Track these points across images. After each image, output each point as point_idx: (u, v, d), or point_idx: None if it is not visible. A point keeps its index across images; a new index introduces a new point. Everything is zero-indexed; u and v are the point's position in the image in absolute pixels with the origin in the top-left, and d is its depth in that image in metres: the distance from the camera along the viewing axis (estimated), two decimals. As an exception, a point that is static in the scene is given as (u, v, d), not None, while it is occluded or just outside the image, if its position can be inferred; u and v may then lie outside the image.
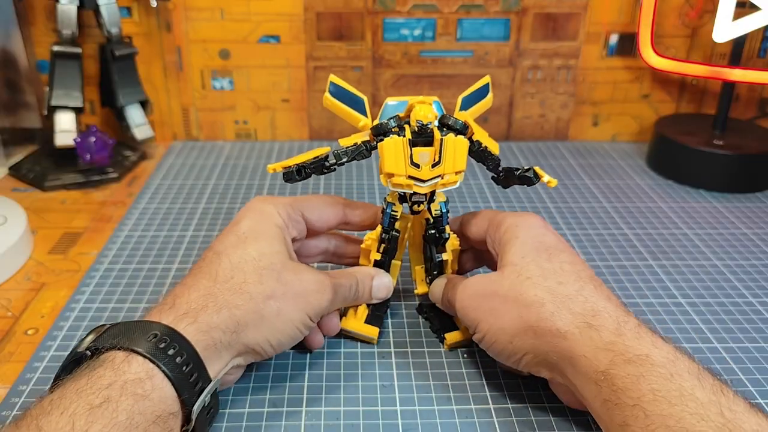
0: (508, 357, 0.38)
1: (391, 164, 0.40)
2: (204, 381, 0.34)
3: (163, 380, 0.32)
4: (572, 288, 0.36)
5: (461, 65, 0.79)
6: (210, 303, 0.36)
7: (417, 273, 0.47)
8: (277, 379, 0.42)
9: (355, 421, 0.38)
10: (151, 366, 0.32)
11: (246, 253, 0.38)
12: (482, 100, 0.45)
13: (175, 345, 0.33)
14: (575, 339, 0.34)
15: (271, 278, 0.38)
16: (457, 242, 0.46)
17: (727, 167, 0.69)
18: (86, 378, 0.30)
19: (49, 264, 0.55)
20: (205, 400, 0.34)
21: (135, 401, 0.30)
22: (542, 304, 0.36)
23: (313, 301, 0.39)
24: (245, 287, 0.37)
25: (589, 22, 0.78)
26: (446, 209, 0.44)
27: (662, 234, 0.61)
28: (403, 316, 0.48)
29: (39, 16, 0.74)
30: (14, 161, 0.73)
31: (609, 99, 0.82)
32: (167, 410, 0.31)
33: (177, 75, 0.79)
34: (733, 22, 0.68)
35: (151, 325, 0.34)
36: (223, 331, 0.35)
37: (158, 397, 0.31)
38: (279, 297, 0.37)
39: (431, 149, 0.40)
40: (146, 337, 0.33)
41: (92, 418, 0.28)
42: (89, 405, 0.29)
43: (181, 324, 0.34)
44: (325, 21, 0.76)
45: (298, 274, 0.39)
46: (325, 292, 0.40)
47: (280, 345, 0.38)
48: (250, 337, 0.36)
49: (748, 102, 0.83)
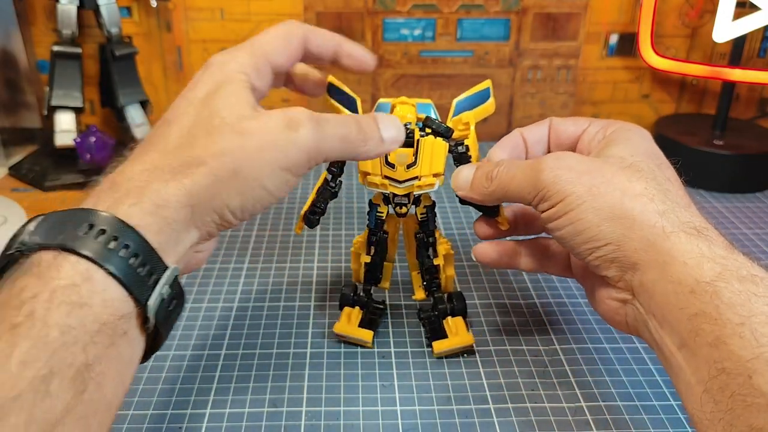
0: (587, 241, 0.33)
1: (367, 163, 0.40)
2: (159, 271, 0.28)
3: (106, 279, 0.26)
4: (681, 200, 0.33)
5: (461, 65, 0.79)
6: (155, 177, 0.30)
7: (414, 279, 0.47)
8: (277, 379, 0.42)
9: (355, 421, 0.38)
10: (86, 266, 0.26)
11: (199, 116, 0.32)
12: (481, 105, 0.43)
13: (115, 235, 0.27)
14: (679, 242, 0.30)
15: (224, 135, 0.31)
16: (448, 246, 0.44)
17: (727, 167, 0.69)
18: (7, 291, 0.25)
19: (49, 264, 0.55)
20: (163, 293, 0.28)
21: (69, 312, 0.25)
22: (651, 199, 0.32)
23: (284, 143, 0.31)
24: (195, 152, 0.31)
25: (589, 22, 0.78)
26: (433, 212, 0.43)
27: (662, 234, 0.61)
28: (403, 316, 0.48)
29: (39, 16, 0.74)
30: (14, 161, 0.73)
31: (609, 99, 0.82)
32: (114, 314, 0.26)
33: (177, 75, 0.79)
34: (733, 22, 0.68)
35: (86, 213, 0.28)
36: (174, 207, 0.29)
37: (100, 301, 0.26)
38: (235, 152, 0.31)
39: (410, 150, 0.40)
40: (79, 230, 0.27)
41: (15, 340, 0.23)
42: (11, 324, 0.24)
43: (122, 207, 0.28)
44: (325, 21, 0.76)
45: (258, 119, 0.32)
46: (299, 128, 0.32)
47: (243, 210, 0.32)
48: (207, 208, 0.31)
49: (748, 102, 0.83)
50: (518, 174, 0.36)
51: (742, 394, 0.25)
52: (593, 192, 0.33)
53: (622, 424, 0.38)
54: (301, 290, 0.51)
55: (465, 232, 0.60)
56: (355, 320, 0.45)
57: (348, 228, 0.61)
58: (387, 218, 0.44)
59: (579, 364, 0.43)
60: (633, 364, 0.43)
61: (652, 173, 0.33)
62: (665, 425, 0.38)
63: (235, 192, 0.31)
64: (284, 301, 0.50)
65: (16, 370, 0.23)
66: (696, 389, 0.28)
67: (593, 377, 0.42)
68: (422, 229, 0.44)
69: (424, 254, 0.44)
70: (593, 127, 0.39)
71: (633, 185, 0.32)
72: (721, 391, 0.26)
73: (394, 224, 0.45)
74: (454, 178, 0.40)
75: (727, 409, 0.26)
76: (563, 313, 0.48)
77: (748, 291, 0.27)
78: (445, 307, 0.45)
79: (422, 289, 0.46)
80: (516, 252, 0.42)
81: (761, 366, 0.25)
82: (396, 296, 0.50)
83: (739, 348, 0.26)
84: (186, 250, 0.31)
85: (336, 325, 0.44)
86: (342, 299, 0.45)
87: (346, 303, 0.45)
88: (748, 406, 0.25)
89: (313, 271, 0.54)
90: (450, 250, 0.45)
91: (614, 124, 0.38)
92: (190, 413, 0.39)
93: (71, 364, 0.24)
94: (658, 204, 0.32)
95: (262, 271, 0.53)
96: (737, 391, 0.26)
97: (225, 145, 0.31)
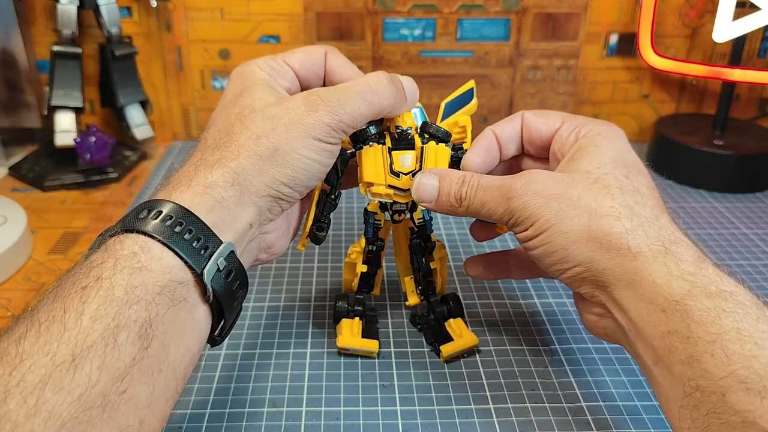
0: (555, 263, 0.34)
1: (371, 173, 0.39)
2: (213, 245, 0.31)
3: (163, 250, 0.29)
4: (650, 212, 0.33)
5: (461, 65, 0.79)
6: (201, 167, 0.33)
7: (406, 284, 0.45)
8: (277, 379, 0.42)
9: (355, 421, 0.38)
10: (145, 239, 0.29)
11: (231, 113, 0.36)
12: (466, 106, 0.43)
13: (171, 215, 0.30)
14: (646, 261, 0.31)
15: (255, 120, 0.35)
16: (444, 250, 0.44)
17: (727, 167, 0.69)
18: (80, 266, 0.29)
19: (49, 264, 0.55)
20: (218, 264, 0.31)
21: (131, 274, 0.28)
22: (617, 218, 0.32)
23: (308, 123, 0.34)
24: (232, 140, 0.34)
25: (589, 22, 0.78)
26: (429, 216, 0.43)
27: (662, 234, 0.61)
28: (403, 316, 0.48)
29: (39, 16, 0.74)
30: (14, 161, 0.73)
31: (609, 99, 0.82)
32: (173, 279, 0.29)
33: (177, 75, 0.79)
34: (733, 22, 0.68)
35: (145, 203, 0.31)
36: (223, 186, 0.32)
37: (159, 267, 0.29)
38: (269, 133, 0.34)
39: (413, 152, 0.39)
40: (139, 215, 0.30)
41: (84, 298, 0.26)
42: (81, 287, 0.27)
43: (175, 193, 0.32)
44: (325, 21, 0.76)
45: (282, 105, 0.35)
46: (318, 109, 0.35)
47: (296, 181, 0.35)
48: (257, 184, 0.33)
49: (748, 102, 0.83)
50: (489, 201, 0.36)
51: (717, 412, 0.26)
52: (561, 216, 0.33)
53: (623, 424, 0.38)
54: (302, 290, 0.51)
55: (465, 233, 0.60)
56: (357, 331, 0.44)
57: (348, 228, 0.61)
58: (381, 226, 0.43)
59: (579, 364, 0.43)
60: (633, 365, 0.43)
61: (619, 186, 0.34)
62: (665, 425, 0.38)
63: (280, 164, 0.34)
64: (284, 302, 0.50)
65: (88, 324, 0.26)
66: (673, 405, 0.29)
67: (593, 377, 0.42)
68: (419, 234, 0.43)
69: (420, 259, 0.44)
70: (565, 129, 0.39)
71: (600, 205, 0.33)
72: (697, 408, 0.27)
73: (384, 230, 0.44)
74: (414, 188, 0.38)
75: (703, 426, 0.27)
76: (563, 313, 0.49)
77: (717, 308, 0.28)
78: (442, 310, 0.45)
79: (416, 294, 0.45)
80: (505, 262, 0.43)
81: (734, 383, 0.26)
82: (396, 296, 0.50)
83: (712, 366, 0.27)
84: (244, 227, 0.33)
85: (339, 339, 0.43)
86: (337, 314, 0.45)
87: (342, 316, 0.45)
88: (723, 423, 0.26)
89: (314, 271, 0.54)
90: (444, 254, 0.44)
91: (587, 125, 0.38)
92: (191, 413, 0.39)
93: (136, 320, 0.27)
94: (625, 222, 0.32)
95: (262, 270, 0.53)
96: (712, 409, 0.26)
97: (258, 130, 0.34)
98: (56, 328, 0.25)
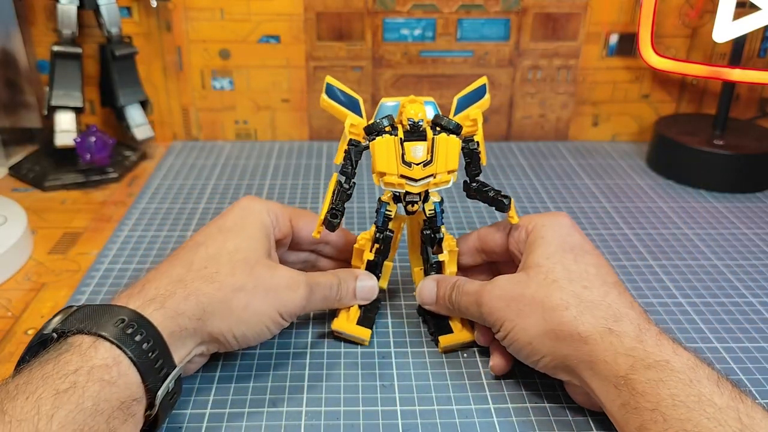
0: (527, 357, 0.38)
1: (383, 163, 0.40)
2: (169, 367, 0.34)
3: (130, 366, 0.32)
4: (597, 293, 0.37)
5: (461, 65, 0.79)
6: (179, 290, 0.36)
7: (416, 275, 0.47)
8: (277, 379, 0.42)
9: (355, 421, 0.38)
10: (117, 352, 0.32)
11: (224, 246, 0.39)
12: (480, 101, 0.44)
13: (142, 331, 0.33)
14: (596, 343, 0.35)
15: (244, 271, 0.38)
16: (454, 243, 0.45)
17: (727, 167, 0.69)
18: (53, 363, 0.30)
19: (49, 264, 0.55)
20: (169, 386, 0.34)
21: (101, 387, 0.30)
22: (566, 308, 0.36)
23: (285, 297, 0.39)
24: (216, 277, 0.37)
25: (589, 22, 0.78)
26: (440, 209, 0.44)
27: (662, 234, 0.61)
28: (403, 315, 0.48)
29: (39, 16, 0.74)
30: (14, 161, 0.73)
31: (609, 99, 0.82)
32: (131, 396, 0.32)
33: (177, 75, 0.79)
34: (733, 22, 0.68)
35: (119, 309, 0.34)
36: (189, 317, 0.36)
37: (124, 383, 0.31)
38: (249, 290, 0.38)
39: (425, 143, 0.40)
40: (113, 322, 0.33)
41: (58, 403, 0.28)
42: (55, 390, 0.29)
43: (149, 309, 0.35)
44: (325, 21, 0.76)
45: (271, 270, 0.39)
46: (298, 289, 0.39)
47: (244, 338, 0.38)
48: (214, 326, 0.37)
49: (748, 102, 0.83)
50: (469, 306, 0.41)
51: None
52: (521, 315, 0.38)
53: (622, 424, 0.38)
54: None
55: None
56: (354, 318, 0.45)
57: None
58: (393, 217, 0.44)
59: (579, 364, 0.43)
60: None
61: (566, 275, 0.38)
62: (665, 425, 0.38)
63: (241, 321, 0.38)
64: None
65: (56, 428, 0.28)
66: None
67: (593, 377, 0.42)
68: (429, 226, 0.44)
69: (429, 250, 0.45)
70: (516, 232, 0.43)
71: (551, 298, 0.37)
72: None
73: (398, 224, 0.45)
74: (419, 292, 0.45)
75: None
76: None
77: (655, 378, 0.32)
78: None
79: None
80: None
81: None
82: (396, 296, 0.50)
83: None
84: (188, 355, 0.37)
85: (334, 321, 0.45)
86: None
87: None
88: None
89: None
90: (455, 247, 0.45)
91: (532, 221, 0.42)
92: (191, 413, 0.39)
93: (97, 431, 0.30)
94: (573, 310, 0.36)
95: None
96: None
97: (242, 283, 0.38)
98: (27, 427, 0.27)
